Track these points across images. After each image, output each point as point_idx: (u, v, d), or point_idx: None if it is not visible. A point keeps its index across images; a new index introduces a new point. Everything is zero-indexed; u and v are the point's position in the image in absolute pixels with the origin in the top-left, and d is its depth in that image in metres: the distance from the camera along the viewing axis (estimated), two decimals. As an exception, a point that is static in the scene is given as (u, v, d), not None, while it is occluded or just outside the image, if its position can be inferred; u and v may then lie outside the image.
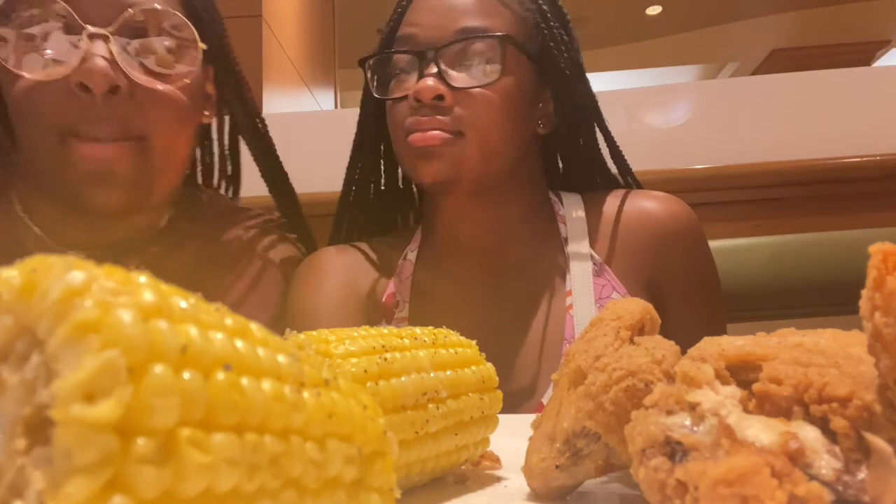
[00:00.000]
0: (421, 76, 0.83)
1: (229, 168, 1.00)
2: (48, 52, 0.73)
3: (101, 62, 0.72)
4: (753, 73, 6.40)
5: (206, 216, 0.95)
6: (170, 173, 0.83)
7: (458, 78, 0.84)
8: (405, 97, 0.85)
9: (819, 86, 1.54)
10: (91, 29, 0.73)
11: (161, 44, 0.77)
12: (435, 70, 0.83)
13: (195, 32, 0.79)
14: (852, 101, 1.51)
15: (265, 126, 0.96)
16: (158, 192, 0.84)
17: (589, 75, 0.95)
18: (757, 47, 6.17)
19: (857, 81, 1.56)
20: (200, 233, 0.92)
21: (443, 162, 0.83)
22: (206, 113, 0.90)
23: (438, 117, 0.82)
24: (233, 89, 0.91)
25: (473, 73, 0.84)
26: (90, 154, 0.74)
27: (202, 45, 0.80)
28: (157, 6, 0.77)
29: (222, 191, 1.02)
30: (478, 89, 0.84)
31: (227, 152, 0.99)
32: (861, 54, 5.80)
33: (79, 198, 0.76)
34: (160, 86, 0.77)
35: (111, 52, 0.73)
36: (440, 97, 0.82)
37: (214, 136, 0.98)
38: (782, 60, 6.01)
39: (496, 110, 0.84)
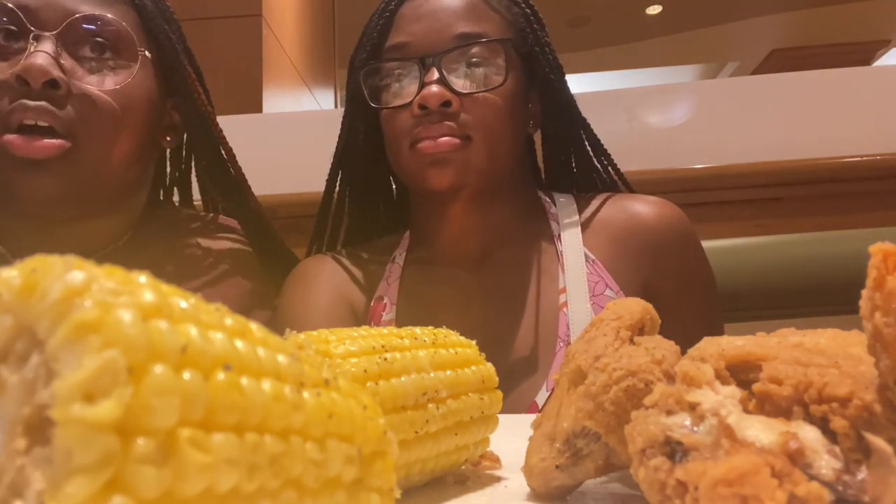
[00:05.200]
0: (422, 83, 0.83)
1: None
2: None
3: (40, 57, 0.76)
4: (753, 73, 6.40)
5: (167, 232, 0.96)
6: (106, 178, 0.84)
7: (462, 83, 0.85)
8: (405, 106, 0.85)
9: (819, 86, 1.54)
10: (36, 31, 0.78)
11: (102, 48, 0.82)
12: (436, 76, 0.83)
13: (136, 40, 0.83)
14: (852, 100, 1.51)
15: (233, 158, 0.95)
16: (93, 197, 0.85)
17: (589, 75, 0.96)
18: (757, 47, 6.18)
19: (857, 81, 1.56)
20: (159, 247, 0.93)
21: (455, 168, 0.83)
22: (168, 138, 0.93)
23: (447, 123, 0.83)
24: (191, 113, 0.91)
25: (476, 77, 0.85)
26: (23, 145, 0.77)
27: (142, 52, 0.84)
28: (100, 12, 0.81)
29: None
30: (482, 93, 0.84)
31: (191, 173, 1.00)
32: (861, 54, 5.80)
33: (10, 186, 0.79)
34: (97, 90, 0.81)
35: (56, 52, 0.78)
36: (447, 103, 0.83)
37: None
38: (782, 60, 6.01)
39: (500, 113, 0.85)
